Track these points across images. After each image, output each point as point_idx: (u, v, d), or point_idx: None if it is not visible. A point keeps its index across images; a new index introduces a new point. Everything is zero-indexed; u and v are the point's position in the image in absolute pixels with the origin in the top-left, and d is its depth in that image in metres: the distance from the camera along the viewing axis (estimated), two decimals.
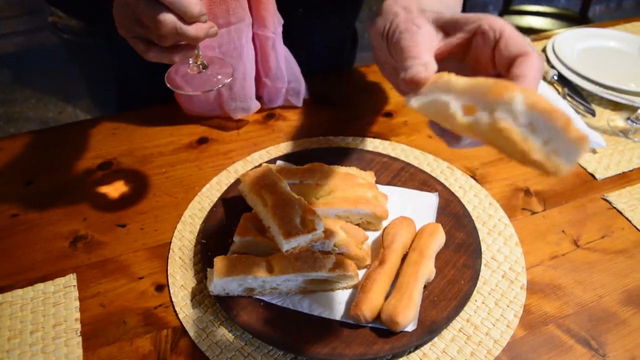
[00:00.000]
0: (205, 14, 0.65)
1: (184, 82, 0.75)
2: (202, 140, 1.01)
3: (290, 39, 1.00)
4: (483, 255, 0.78)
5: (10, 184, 0.93)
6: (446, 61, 0.60)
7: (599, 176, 0.95)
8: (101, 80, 2.88)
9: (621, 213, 0.88)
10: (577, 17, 2.66)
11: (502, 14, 2.67)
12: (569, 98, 1.13)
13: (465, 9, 0.85)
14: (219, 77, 0.76)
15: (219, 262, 0.69)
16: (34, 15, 3.21)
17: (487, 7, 3.72)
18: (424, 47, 0.57)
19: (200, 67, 0.75)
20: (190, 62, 0.74)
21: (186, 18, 0.64)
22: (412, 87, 0.54)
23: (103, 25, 1.00)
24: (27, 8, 3.19)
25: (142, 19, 0.65)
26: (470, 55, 0.59)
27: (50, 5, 1.09)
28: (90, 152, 0.99)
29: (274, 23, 0.94)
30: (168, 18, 0.62)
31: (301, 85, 1.07)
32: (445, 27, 0.60)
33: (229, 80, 0.76)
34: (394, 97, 1.13)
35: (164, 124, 1.04)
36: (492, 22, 0.56)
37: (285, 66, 1.02)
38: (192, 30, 0.65)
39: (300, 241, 0.68)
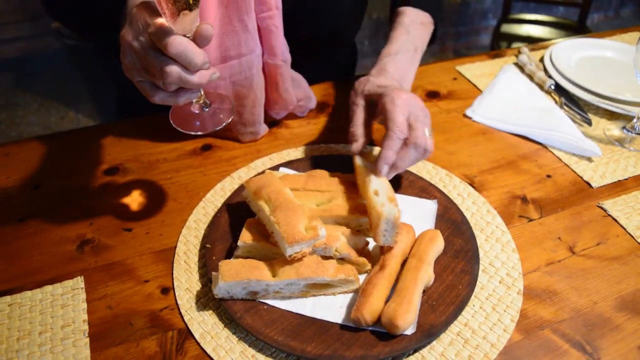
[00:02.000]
0: (208, 62, 0.68)
1: (187, 121, 0.78)
2: (206, 147, 1.03)
3: (295, 58, 1.02)
4: (481, 261, 0.80)
5: (18, 188, 0.95)
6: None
7: (594, 184, 0.97)
8: (103, 85, 2.91)
9: (616, 220, 0.90)
10: (575, 26, 2.68)
11: (500, 22, 2.70)
12: (565, 107, 1.15)
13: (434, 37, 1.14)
14: (221, 116, 0.79)
15: (223, 266, 0.71)
16: (37, 21, 3.22)
17: (486, 15, 3.75)
18: (359, 124, 0.90)
19: (203, 106, 0.77)
20: (194, 101, 0.76)
21: (190, 68, 0.66)
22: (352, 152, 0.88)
23: (102, 40, 1.03)
24: (30, 13, 3.21)
25: (148, 68, 0.68)
26: None
27: (52, 18, 1.11)
28: (97, 158, 1.01)
29: (283, 51, 0.97)
30: (173, 69, 0.65)
31: (310, 102, 1.10)
32: (373, 100, 0.91)
33: (230, 119, 0.79)
34: None
35: (168, 130, 1.03)
36: (385, 98, 0.85)
37: (295, 87, 1.05)
38: (196, 78, 0.68)
39: (303, 246, 0.70)
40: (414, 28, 1.05)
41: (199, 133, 0.79)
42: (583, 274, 0.81)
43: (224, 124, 0.78)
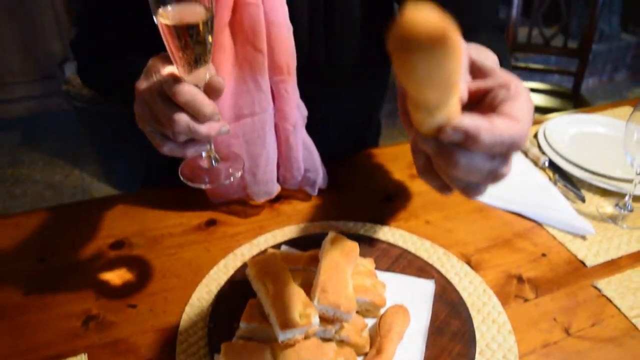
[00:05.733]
0: (217, 114, 0.70)
1: (196, 175, 0.80)
2: (211, 223, 1.06)
3: (313, 126, 1.06)
4: (477, 344, 0.82)
5: (24, 260, 0.97)
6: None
7: (589, 263, 0.99)
8: (110, 146, 2.98)
9: (610, 301, 0.91)
10: (569, 94, 2.76)
11: None
12: (559, 184, 1.18)
13: None
14: (230, 170, 0.81)
15: (225, 348, 0.73)
16: (46, 81, 3.33)
17: None
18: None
19: (213, 161, 0.80)
20: (203, 155, 0.79)
21: (199, 118, 0.69)
22: None
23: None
24: (41, 74, 3.31)
25: (158, 116, 0.70)
26: (485, 101, 0.60)
27: (87, 87, 1.16)
28: (103, 231, 1.04)
29: (295, 116, 1.00)
30: (182, 118, 0.68)
31: (318, 175, 1.11)
32: (478, 70, 0.62)
33: (239, 173, 0.81)
34: (394, 182, 1.18)
35: (174, 205, 1.09)
36: (519, 85, 0.58)
37: (305, 156, 1.07)
38: (204, 129, 0.70)
39: (296, 333, 0.72)
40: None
41: (209, 186, 0.81)
42: (579, 356, 0.82)
43: (233, 178, 0.80)
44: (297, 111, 1.01)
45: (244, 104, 0.95)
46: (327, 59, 1.09)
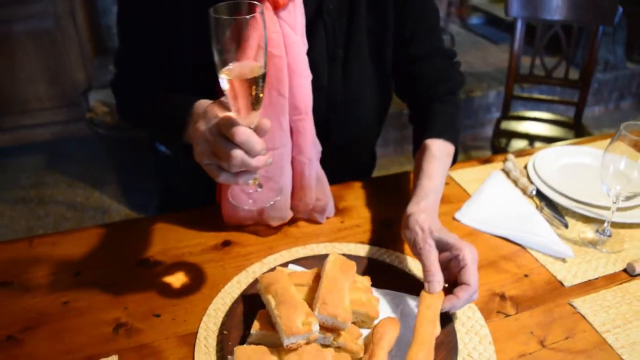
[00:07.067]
0: (265, 149, 0.84)
1: (242, 198, 0.96)
2: (226, 243, 1.18)
3: (325, 160, 1.19)
4: (460, 353, 0.92)
5: (62, 274, 1.10)
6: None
7: (567, 284, 1.09)
8: (128, 170, 3.13)
9: (584, 317, 1.01)
10: (571, 123, 2.85)
11: (500, 120, 2.86)
12: (545, 211, 1.29)
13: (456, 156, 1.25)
14: (271, 194, 0.97)
15: (238, 351, 0.84)
16: (71, 108, 3.49)
17: (490, 109, 3.96)
18: (435, 264, 0.95)
19: (257, 186, 0.94)
20: (250, 182, 0.92)
21: (251, 154, 0.83)
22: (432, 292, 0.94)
23: (167, 143, 1.21)
24: (65, 101, 3.48)
25: (217, 152, 0.85)
26: (450, 267, 0.98)
27: (124, 121, 1.31)
28: (131, 249, 1.16)
29: (310, 150, 1.14)
30: (238, 154, 0.82)
31: (327, 205, 1.23)
32: (440, 245, 0.98)
33: (278, 197, 0.97)
34: (393, 208, 1.29)
35: (194, 226, 1.22)
36: (465, 254, 0.95)
37: (317, 186, 1.20)
38: (255, 162, 0.84)
39: (299, 338, 0.84)
40: (445, 162, 1.18)
41: (254, 208, 0.97)
42: None
43: (272, 202, 0.96)
44: (312, 146, 1.15)
45: (267, 140, 1.08)
46: (344, 101, 1.24)
